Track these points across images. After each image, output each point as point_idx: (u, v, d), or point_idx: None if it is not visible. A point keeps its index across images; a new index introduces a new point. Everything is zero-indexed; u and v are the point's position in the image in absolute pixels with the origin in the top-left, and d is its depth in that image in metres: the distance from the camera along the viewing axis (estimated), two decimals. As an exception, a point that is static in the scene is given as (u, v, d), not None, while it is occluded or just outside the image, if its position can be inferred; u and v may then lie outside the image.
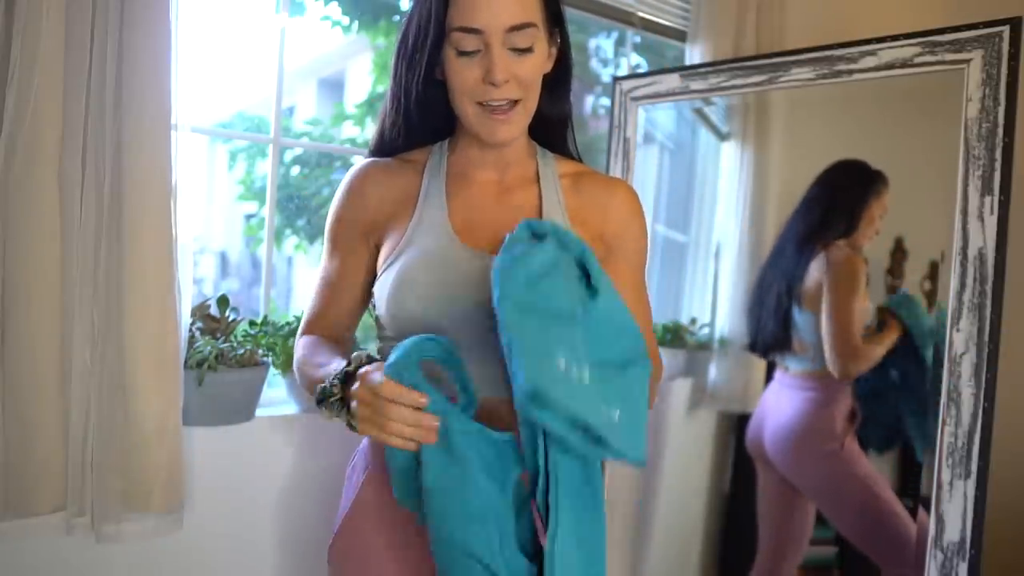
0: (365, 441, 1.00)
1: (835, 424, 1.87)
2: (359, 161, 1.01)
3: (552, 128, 1.02)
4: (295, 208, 2.95)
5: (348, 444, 1.21)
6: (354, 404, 0.78)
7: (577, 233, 0.95)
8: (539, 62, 0.91)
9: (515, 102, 0.90)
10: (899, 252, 1.91)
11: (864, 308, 1.87)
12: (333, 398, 0.81)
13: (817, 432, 1.89)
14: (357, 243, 0.98)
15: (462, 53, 0.88)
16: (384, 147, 1.01)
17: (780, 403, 1.96)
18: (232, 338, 1.41)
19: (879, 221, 1.91)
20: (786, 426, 1.92)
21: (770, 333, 1.97)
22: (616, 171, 1.82)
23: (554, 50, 0.95)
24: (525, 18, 0.87)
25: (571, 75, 1.00)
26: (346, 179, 0.99)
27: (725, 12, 1.95)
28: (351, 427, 0.80)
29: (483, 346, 0.90)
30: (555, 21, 0.94)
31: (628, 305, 0.89)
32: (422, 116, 0.96)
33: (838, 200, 1.93)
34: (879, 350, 1.87)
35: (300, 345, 0.98)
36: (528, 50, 0.88)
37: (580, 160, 1.06)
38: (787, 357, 1.97)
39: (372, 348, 0.99)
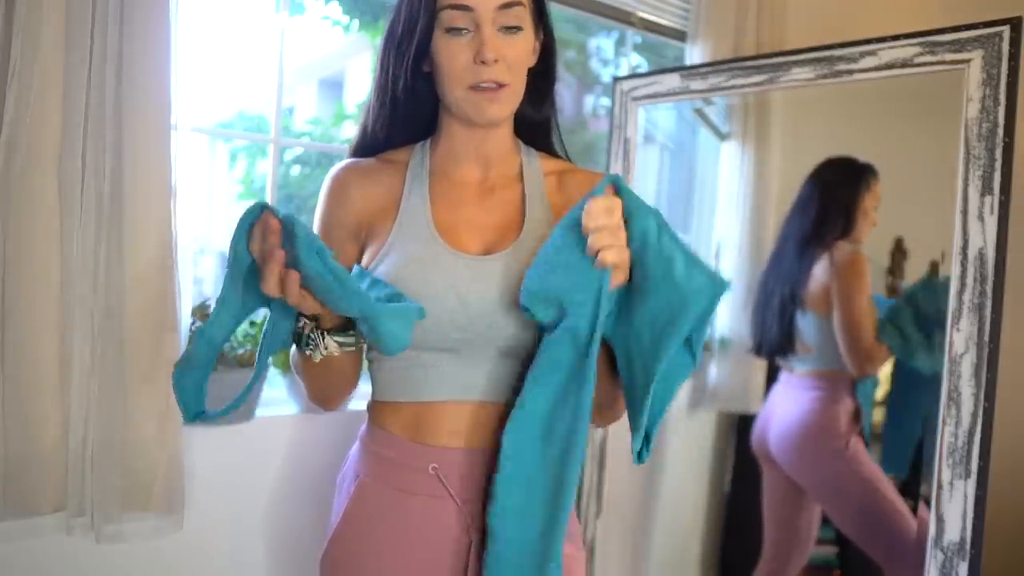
0: (355, 448, 1.00)
1: (840, 423, 1.88)
2: (338, 164, 1.00)
3: (536, 128, 1.02)
4: (295, 208, 2.95)
5: (347, 444, 1.21)
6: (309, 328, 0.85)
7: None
8: (527, 45, 0.91)
9: (503, 85, 0.89)
10: (899, 252, 1.92)
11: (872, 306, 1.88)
12: (305, 334, 0.85)
13: (822, 430, 1.90)
14: (346, 243, 0.96)
15: (452, 34, 0.88)
16: (367, 145, 1.00)
17: (785, 403, 1.97)
18: (232, 338, 1.41)
19: (874, 213, 1.91)
20: (791, 425, 1.93)
21: (774, 336, 1.98)
22: (616, 171, 1.82)
23: (538, 44, 0.95)
24: None
25: (555, 73, 0.99)
26: (327, 182, 0.97)
27: (725, 12, 1.95)
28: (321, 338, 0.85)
29: (467, 348, 0.89)
30: (540, 14, 0.94)
31: None
32: (408, 108, 0.96)
33: (831, 200, 1.93)
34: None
35: None
36: (517, 30, 0.89)
37: (568, 158, 1.05)
38: (791, 358, 1.98)
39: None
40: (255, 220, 0.78)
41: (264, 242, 0.77)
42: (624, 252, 0.78)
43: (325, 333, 0.84)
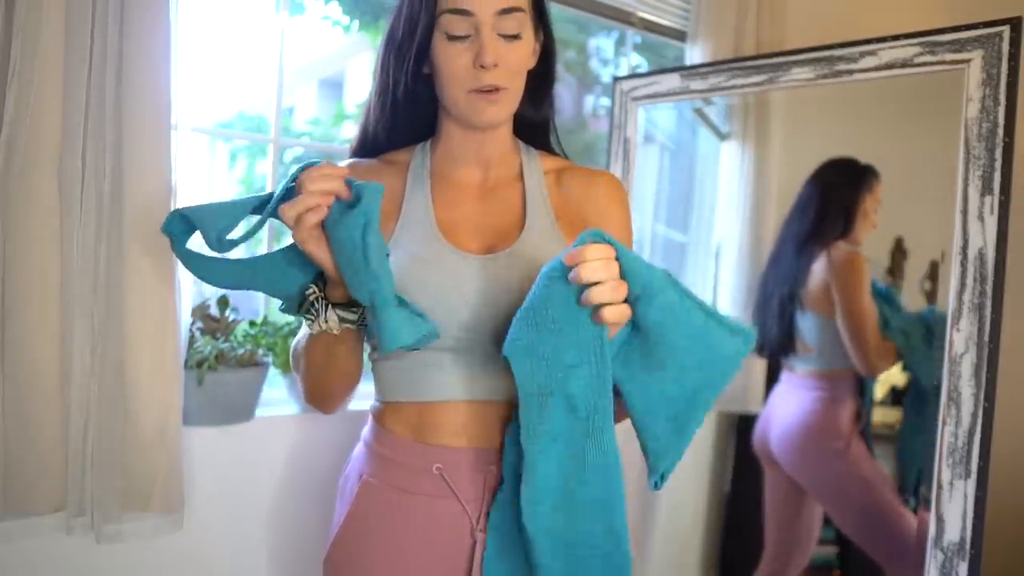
0: (358, 449, 1.00)
1: (841, 423, 1.88)
2: (341, 163, 0.99)
3: (535, 129, 1.02)
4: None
5: (348, 444, 1.21)
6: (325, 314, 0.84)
7: (560, 228, 0.95)
8: (527, 50, 0.91)
9: (502, 89, 0.89)
10: (899, 252, 1.92)
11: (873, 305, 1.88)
12: (309, 300, 0.85)
13: (823, 430, 1.90)
14: None
15: (452, 38, 0.88)
16: (367, 146, 1.00)
17: (786, 403, 1.97)
18: (232, 338, 1.41)
19: (874, 215, 1.91)
20: (792, 424, 1.93)
21: (775, 337, 1.98)
22: (616, 171, 1.82)
23: (538, 46, 0.95)
24: (514, 2, 0.88)
25: (554, 75, 1.00)
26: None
27: (725, 12, 1.95)
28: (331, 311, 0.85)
29: (471, 348, 0.89)
30: (540, 16, 0.95)
31: None
32: (408, 110, 0.96)
33: (831, 200, 1.94)
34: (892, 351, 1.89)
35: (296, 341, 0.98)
36: (517, 36, 0.89)
37: (566, 157, 1.05)
38: (792, 358, 1.98)
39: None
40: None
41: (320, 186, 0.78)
42: (625, 310, 0.74)
43: (329, 305, 0.84)
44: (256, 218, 0.83)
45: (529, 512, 0.80)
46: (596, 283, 0.73)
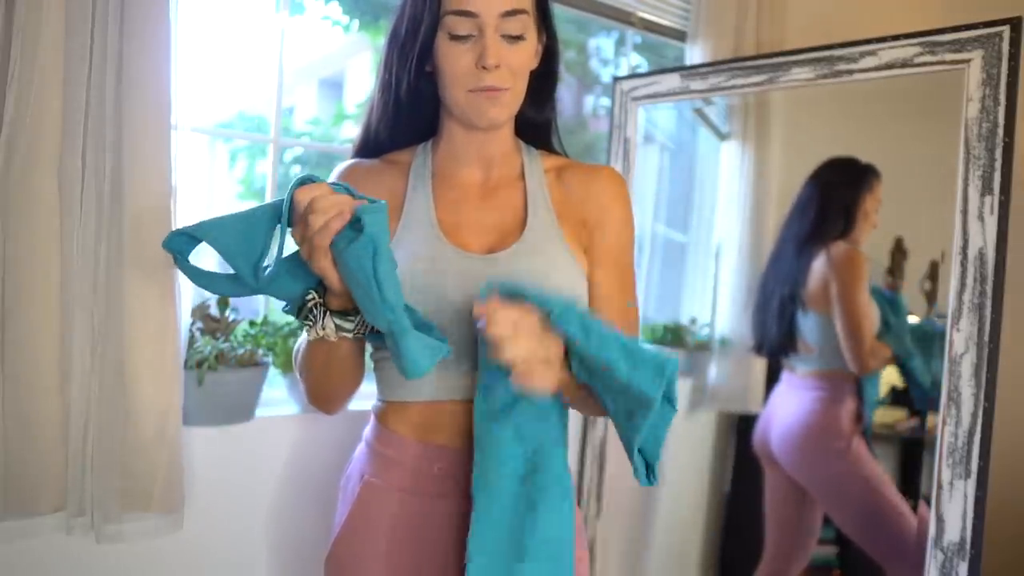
0: (360, 449, 1.00)
1: (841, 423, 1.88)
2: (342, 164, 1.00)
3: (537, 129, 1.03)
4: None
5: (348, 444, 1.21)
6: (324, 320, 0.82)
7: (561, 226, 0.95)
8: (530, 51, 0.91)
9: (504, 89, 0.89)
10: (899, 252, 1.92)
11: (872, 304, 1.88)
12: (307, 307, 0.83)
13: (823, 430, 1.90)
14: None
15: (455, 38, 0.88)
16: (369, 145, 1.00)
17: (787, 403, 1.97)
18: (232, 338, 1.41)
19: (875, 215, 1.91)
20: (793, 424, 1.93)
21: (775, 337, 1.98)
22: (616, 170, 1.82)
23: (541, 47, 0.96)
24: (518, 4, 0.88)
25: (557, 75, 1.00)
26: (331, 180, 0.97)
27: (725, 12, 1.95)
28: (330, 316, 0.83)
29: (470, 347, 0.90)
30: (543, 17, 0.95)
31: (611, 288, 0.93)
32: (410, 109, 0.96)
33: (832, 200, 1.94)
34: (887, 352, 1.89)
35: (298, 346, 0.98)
36: (520, 38, 0.89)
37: (567, 157, 1.05)
38: (793, 358, 1.98)
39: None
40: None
41: (327, 214, 0.75)
42: (553, 367, 0.76)
43: (327, 312, 0.83)
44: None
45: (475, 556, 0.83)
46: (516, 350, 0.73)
